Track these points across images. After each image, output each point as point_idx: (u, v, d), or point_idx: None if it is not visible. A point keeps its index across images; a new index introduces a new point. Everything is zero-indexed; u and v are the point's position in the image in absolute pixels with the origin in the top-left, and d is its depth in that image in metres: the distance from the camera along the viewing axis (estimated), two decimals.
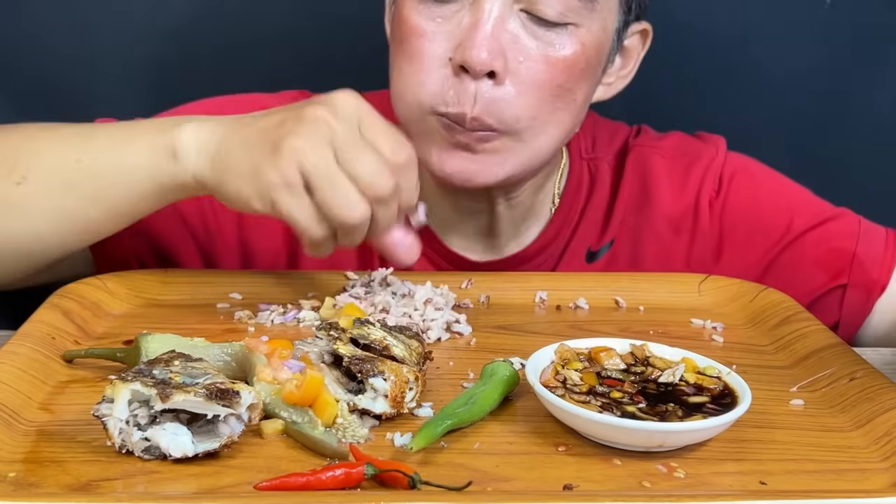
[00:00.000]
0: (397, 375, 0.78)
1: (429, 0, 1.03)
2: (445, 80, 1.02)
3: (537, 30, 1.02)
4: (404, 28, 1.04)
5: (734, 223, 1.20)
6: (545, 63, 1.02)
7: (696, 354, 0.85)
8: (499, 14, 1.00)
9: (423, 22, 1.03)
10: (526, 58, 1.02)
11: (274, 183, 0.87)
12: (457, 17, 1.02)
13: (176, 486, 0.68)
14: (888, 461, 0.75)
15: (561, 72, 1.03)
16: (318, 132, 0.87)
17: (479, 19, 1.00)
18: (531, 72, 1.02)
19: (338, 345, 0.80)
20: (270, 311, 1.01)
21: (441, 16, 1.03)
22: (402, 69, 1.05)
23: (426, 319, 0.98)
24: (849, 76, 1.53)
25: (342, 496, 0.67)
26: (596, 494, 0.68)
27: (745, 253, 1.19)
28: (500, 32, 1.01)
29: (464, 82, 1.01)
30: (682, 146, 1.25)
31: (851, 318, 1.16)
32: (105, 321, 0.99)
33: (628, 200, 1.22)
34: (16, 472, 0.69)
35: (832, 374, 0.89)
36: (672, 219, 1.21)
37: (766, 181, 1.23)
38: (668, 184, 1.22)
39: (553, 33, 1.02)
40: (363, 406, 0.77)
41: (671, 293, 1.11)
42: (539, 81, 1.03)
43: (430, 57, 1.03)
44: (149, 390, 0.71)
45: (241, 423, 0.73)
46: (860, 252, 1.17)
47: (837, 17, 1.50)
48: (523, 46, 1.02)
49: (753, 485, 0.71)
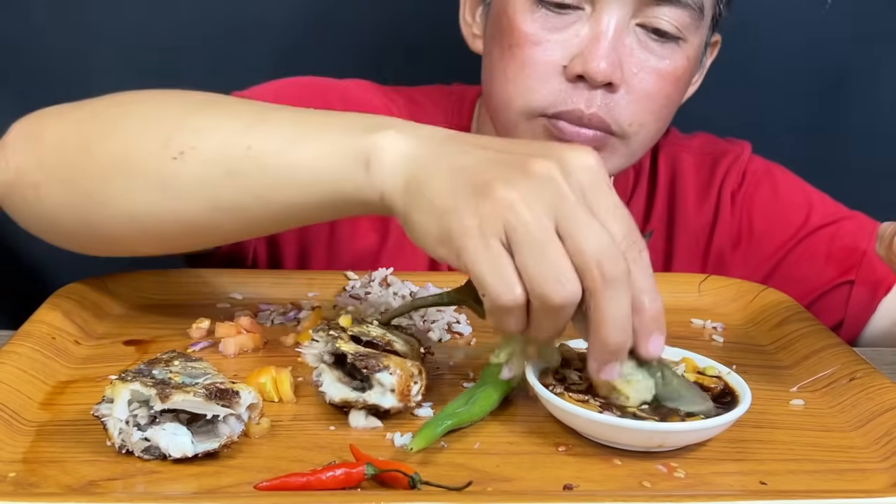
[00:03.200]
0: (402, 369, 0.78)
1: (545, 8, 1.04)
2: (559, 87, 1.04)
3: (651, 43, 1.05)
4: (516, 34, 1.05)
5: (754, 215, 1.25)
6: (657, 75, 1.06)
7: (696, 354, 0.85)
8: (617, 27, 1.03)
9: (537, 30, 1.04)
10: (640, 69, 1.05)
11: (467, 227, 0.70)
12: (573, 27, 1.04)
13: (176, 486, 0.68)
14: (888, 461, 0.75)
15: (670, 84, 1.07)
16: (541, 192, 0.70)
17: (600, 31, 1.02)
18: (644, 83, 1.05)
19: (339, 343, 0.79)
20: (270, 311, 1.01)
21: (557, 25, 1.04)
22: (511, 75, 1.06)
23: (427, 320, 0.98)
24: (849, 76, 1.53)
25: (342, 496, 0.67)
26: (596, 494, 0.68)
27: (762, 245, 1.24)
28: (618, 45, 1.03)
29: (578, 89, 1.04)
30: (709, 145, 1.31)
31: (857, 315, 1.18)
32: (105, 321, 0.99)
33: (662, 194, 1.27)
34: (16, 472, 0.69)
35: (832, 374, 0.89)
36: (698, 212, 1.26)
37: (787, 181, 1.28)
38: (696, 179, 1.27)
39: (665, 48, 1.06)
40: (373, 402, 0.77)
41: (671, 293, 1.10)
42: (650, 92, 1.06)
43: (544, 64, 1.04)
44: (148, 390, 0.71)
45: (241, 423, 0.73)
46: (871, 251, 1.18)
47: (837, 17, 1.50)
48: (637, 59, 1.05)
49: (753, 485, 0.71)
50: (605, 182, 0.72)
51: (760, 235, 1.24)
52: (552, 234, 0.69)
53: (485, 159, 0.73)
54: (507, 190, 0.69)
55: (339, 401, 0.78)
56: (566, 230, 0.69)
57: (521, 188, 0.70)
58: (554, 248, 0.69)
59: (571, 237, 0.69)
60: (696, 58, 1.10)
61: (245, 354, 0.91)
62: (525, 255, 0.69)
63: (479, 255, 0.69)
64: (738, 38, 1.50)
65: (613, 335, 0.70)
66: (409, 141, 0.77)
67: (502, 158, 0.73)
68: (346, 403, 0.78)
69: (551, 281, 0.68)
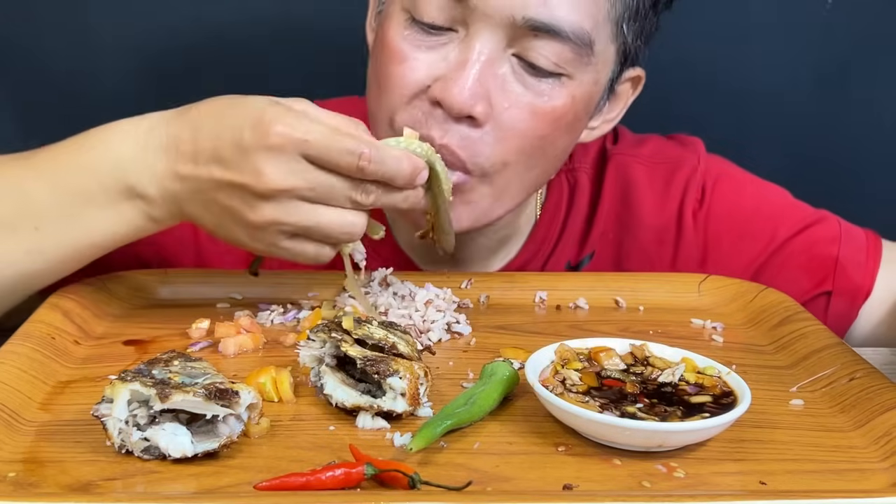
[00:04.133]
0: (410, 372, 0.78)
1: (416, 27, 0.98)
2: (419, 108, 0.98)
3: (527, 77, 0.98)
4: (386, 51, 1.00)
5: (718, 233, 1.19)
6: (531, 113, 0.98)
7: (695, 354, 0.85)
8: (489, 56, 0.96)
9: (406, 47, 0.99)
10: (511, 104, 0.98)
11: (264, 250, 0.90)
12: (444, 48, 0.98)
13: (175, 486, 0.68)
14: (888, 461, 0.75)
15: (547, 124, 0.99)
16: (284, 196, 0.86)
17: (468, 59, 0.96)
18: (514, 120, 0.98)
19: (345, 347, 0.79)
20: (270, 311, 1.01)
21: (428, 45, 0.98)
22: (378, 91, 1.02)
23: (427, 320, 0.98)
24: (849, 76, 1.53)
25: (342, 496, 0.67)
26: (596, 494, 0.68)
27: (731, 262, 1.18)
28: (487, 76, 0.96)
29: (435, 115, 0.98)
30: (661, 153, 1.23)
31: (837, 323, 1.15)
32: (105, 321, 0.99)
33: (609, 212, 1.20)
34: (16, 472, 0.69)
35: (832, 374, 0.89)
36: (655, 229, 1.20)
37: (747, 188, 1.22)
38: (650, 194, 1.20)
39: (544, 83, 0.98)
40: (387, 408, 0.77)
41: (671, 293, 1.11)
42: (521, 130, 0.99)
43: (407, 84, 0.99)
44: (148, 390, 0.71)
45: (241, 423, 0.73)
46: (843, 257, 1.16)
47: (838, 17, 1.50)
48: (510, 92, 0.98)
49: (753, 485, 0.71)
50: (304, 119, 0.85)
51: (728, 253, 1.19)
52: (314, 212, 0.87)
53: (227, 196, 0.87)
54: (263, 212, 0.86)
55: (351, 406, 0.78)
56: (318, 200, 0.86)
57: (269, 203, 0.86)
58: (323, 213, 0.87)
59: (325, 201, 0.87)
60: (587, 97, 1.02)
61: (245, 354, 0.91)
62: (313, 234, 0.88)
63: (293, 255, 0.90)
64: (739, 39, 1.51)
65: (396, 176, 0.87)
66: (160, 178, 0.89)
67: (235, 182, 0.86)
68: (357, 409, 0.78)
69: (345, 234, 0.88)
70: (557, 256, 1.20)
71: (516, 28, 0.95)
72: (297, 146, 0.84)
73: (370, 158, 0.85)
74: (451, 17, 0.97)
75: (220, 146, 0.86)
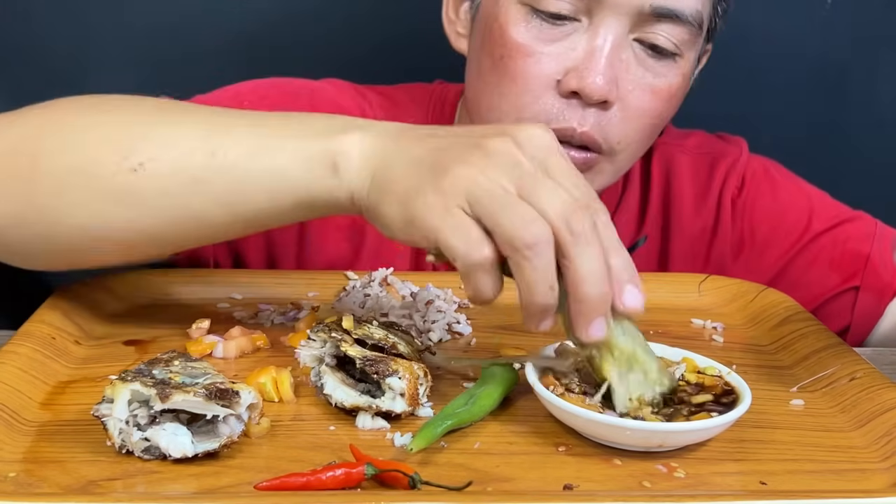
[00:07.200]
0: (410, 373, 0.78)
1: (539, 18, 1.00)
2: (551, 101, 1.01)
3: (648, 59, 1.02)
4: (508, 45, 1.01)
5: (755, 223, 1.22)
6: (651, 93, 1.03)
7: (696, 354, 0.85)
8: (614, 42, 0.99)
9: (530, 41, 1.00)
10: (635, 87, 1.02)
11: (431, 205, 0.71)
12: (569, 39, 1.00)
13: (176, 486, 0.68)
14: (888, 461, 0.75)
15: (663, 102, 1.04)
16: (498, 164, 0.71)
17: (597, 46, 0.99)
18: (638, 101, 1.02)
19: (344, 346, 0.79)
20: (270, 311, 1.01)
21: (552, 37, 1.00)
22: (503, 89, 1.03)
23: (427, 320, 0.98)
24: (849, 76, 1.53)
25: (342, 496, 0.67)
26: (596, 494, 0.68)
27: (765, 253, 1.21)
28: (615, 60, 1.00)
29: (571, 106, 1.01)
30: (705, 145, 1.27)
31: (863, 320, 1.16)
32: (105, 321, 0.99)
33: (656, 197, 1.24)
34: (16, 472, 0.69)
35: (832, 374, 0.89)
36: (696, 216, 1.23)
37: (787, 183, 1.25)
38: (693, 182, 1.24)
39: (662, 65, 1.03)
40: (386, 408, 0.77)
41: (671, 293, 1.11)
42: (644, 110, 1.03)
43: (537, 78, 1.01)
44: (148, 390, 0.71)
45: (241, 424, 0.73)
46: (874, 255, 1.17)
47: (837, 17, 1.50)
48: (633, 76, 1.02)
49: (753, 485, 0.71)
50: (559, 151, 0.74)
51: (763, 243, 1.21)
52: (514, 195, 0.70)
53: (442, 145, 0.75)
54: (465, 167, 0.71)
55: (350, 406, 0.78)
56: (528, 194, 0.70)
57: (479, 163, 0.71)
58: (518, 202, 0.70)
59: (533, 199, 0.70)
60: (690, 73, 1.08)
61: (245, 354, 0.91)
62: (491, 214, 0.70)
63: (445, 224, 0.70)
64: (739, 39, 1.50)
65: (593, 287, 0.70)
66: (371, 138, 0.78)
67: (458, 142, 0.74)
68: (356, 409, 0.78)
69: (519, 227, 0.69)
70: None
71: (642, 14, 0.99)
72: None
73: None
74: (576, 7, 0.99)
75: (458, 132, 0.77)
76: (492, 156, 0.72)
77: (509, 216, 0.69)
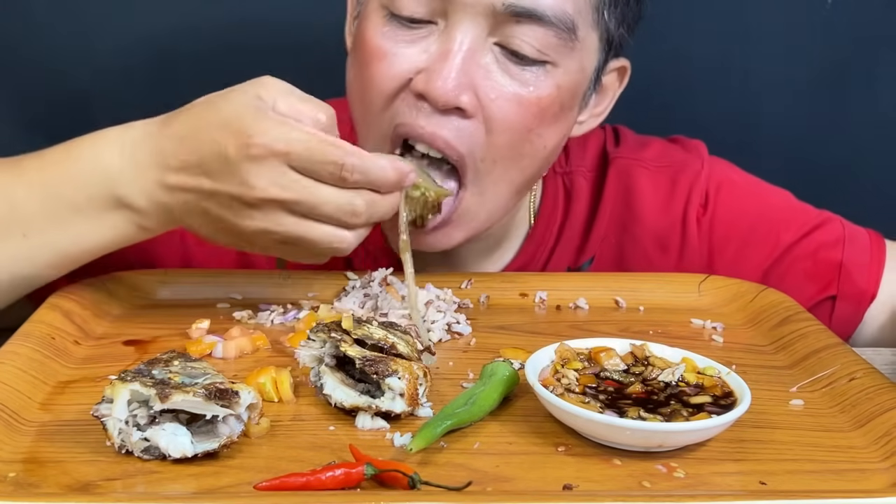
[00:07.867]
0: (410, 373, 0.78)
1: (395, 21, 0.97)
2: (405, 102, 0.97)
3: (511, 66, 0.96)
4: (367, 49, 0.98)
5: (723, 239, 1.18)
6: (518, 104, 0.96)
7: (695, 354, 0.85)
8: (471, 46, 0.94)
9: (385, 43, 0.97)
10: (497, 95, 0.95)
11: (262, 253, 0.91)
12: (424, 42, 0.96)
13: (175, 486, 0.68)
14: (888, 461, 0.75)
15: (533, 115, 0.97)
16: (271, 206, 0.85)
17: (450, 49, 0.94)
18: (503, 112, 0.96)
19: (344, 347, 0.79)
20: (270, 311, 1.01)
21: (407, 39, 0.96)
22: (360, 92, 1.00)
23: (427, 321, 0.98)
24: (849, 76, 1.53)
25: (342, 496, 0.67)
26: (596, 494, 0.68)
27: (736, 268, 1.17)
28: (470, 66, 0.94)
29: (423, 109, 0.96)
30: (664, 156, 1.21)
31: (843, 327, 1.15)
32: (105, 321, 0.99)
33: (611, 216, 1.19)
34: (16, 472, 0.69)
35: (832, 374, 0.89)
36: (658, 234, 1.19)
37: (750, 192, 1.21)
38: (653, 199, 1.19)
39: (528, 72, 0.96)
40: (386, 408, 0.77)
41: (671, 293, 1.11)
42: (510, 122, 0.96)
43: (389, 79, 0.97)
44: (148, 390, 0.71)
45: (241, 424, 0.73)
46: (847, 261, 1.16)
47: (837, 17, 1.50)
48: (495, 83, 0.95)
49: (753, 485, 0.71)
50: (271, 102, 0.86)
51: (733, 259, 1.18)
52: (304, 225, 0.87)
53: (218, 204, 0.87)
54: (250, 222, 0.87)
55: (349, 406, 0.78)
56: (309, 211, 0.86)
57: (257, 212, 0.86)
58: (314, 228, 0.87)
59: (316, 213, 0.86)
60: (573, 86, 1.00)
61: (245, 355, 0.91)
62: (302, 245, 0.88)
63: (288, 256, 0.91)
64: (739, 39, 1.51)
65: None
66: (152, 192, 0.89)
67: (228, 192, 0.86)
68: (356, 409, 0.78)
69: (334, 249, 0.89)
70: (556, 261, 1.19)
71: (497, 15, 0.94)
72: (279, 157, 0.84)
73: (353, 168, 0.85)
74: (430, 8, 0.96)
75: (206, 159, 0.86)
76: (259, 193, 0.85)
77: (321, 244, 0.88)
